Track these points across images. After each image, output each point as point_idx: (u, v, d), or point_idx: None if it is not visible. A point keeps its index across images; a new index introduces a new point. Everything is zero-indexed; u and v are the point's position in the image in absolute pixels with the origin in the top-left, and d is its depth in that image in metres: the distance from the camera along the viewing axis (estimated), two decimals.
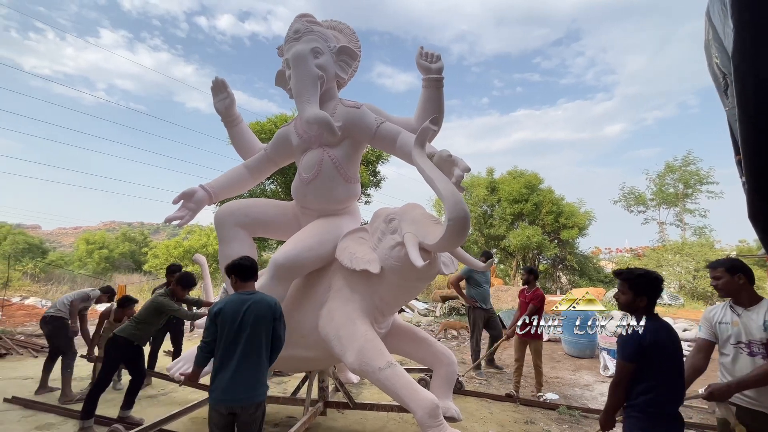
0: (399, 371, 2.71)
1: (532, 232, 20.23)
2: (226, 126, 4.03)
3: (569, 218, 21.07)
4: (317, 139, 3.35)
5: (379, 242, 3.03)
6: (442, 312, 12.19)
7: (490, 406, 4.51)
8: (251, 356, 2.25)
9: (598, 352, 6.82)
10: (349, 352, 2.82)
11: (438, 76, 3.32)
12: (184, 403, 3.82)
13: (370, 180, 13.45)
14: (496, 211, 22.65)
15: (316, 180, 3.31)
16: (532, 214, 21.40)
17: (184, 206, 3.44)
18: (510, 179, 22.56)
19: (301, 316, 3.22)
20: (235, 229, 3.46)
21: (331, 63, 3.41)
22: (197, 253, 6.11)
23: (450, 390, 3.36)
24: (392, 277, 2.94)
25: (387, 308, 3.20)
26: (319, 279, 3.33)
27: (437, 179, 2.53)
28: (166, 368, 3.24)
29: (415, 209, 3.04)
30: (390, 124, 3.25)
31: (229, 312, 2.28)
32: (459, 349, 7.77)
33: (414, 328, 3.62)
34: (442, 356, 3.39)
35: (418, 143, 2.68)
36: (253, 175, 3.79)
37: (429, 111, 3.37)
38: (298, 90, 3.20)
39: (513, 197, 21.47)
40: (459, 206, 2.43)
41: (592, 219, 21.97)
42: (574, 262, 22.39)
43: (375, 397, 4.42)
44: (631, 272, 2.11)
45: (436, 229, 2.70)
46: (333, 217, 3.48)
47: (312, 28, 3.35)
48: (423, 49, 3.38)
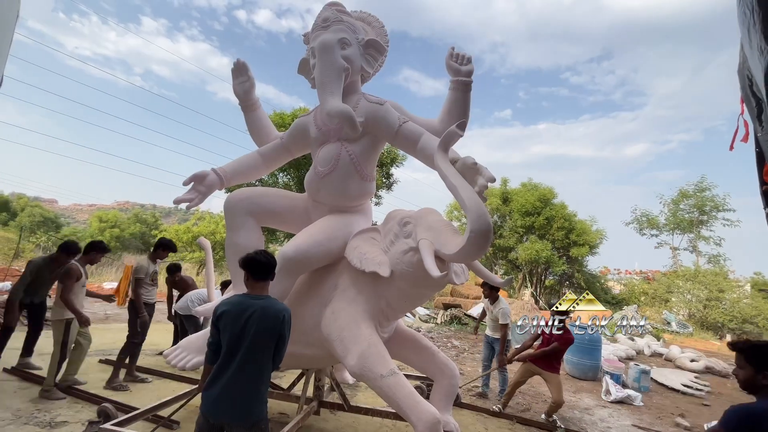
0: (401, 380, 2.62)
1: (541, 246, 19.96)
2: (244, 110, 3.95)
3: (580, 235, 20.76)
4: (336, 133, 3.26)
5: (391, 245, 2.94)
6: (443, 319, 12.08)
7: (486, 421, 4.42)
8: (248, 370, 2.05)
9: (601, 376, 6.67)
10: (351, 355, 2.74)
11: (467, 79, 3.21)
12: (179, 390, 3.81)
13: (383, 182, 13.41)
14: (507, 222, 22.42)
15: (332, 174, 3.23)
16: (543, 228, 21.12)
17: (195, 189, 3.36)
18: (524, 191, 22.31)
19: (304, 313, 3.16)
20: (244, 217, 3.39)
21: (358, 56, 3.32)
22: (201, 237, 6.07)
23: (450, 403, 3.26)
24: (402, 283, 2.86)
25: (393, 313, 3.12)
26: (326, 276, 3.26)
27: (461, 187, 2.44)
28: (163, 354, 3.20)
29: (431, 215, 2.94)
30: (413, 124, 3.16)
31: (232, 317, 2.09)
32: (458, 359, 7.66)
33: (417, 335, 3.53)
34: (444, 368, 3.29)
35: (442, 147, 2.59)
36: (266, 163, 3.72)
37: (454, 114, 3.27)
38: (322, 80, 3.12)
39: (525, 209, 21.23)
40: (483, 218, 2.32)
41: (603, 238, 21.62)
42: (582, 281, 22.03)
43: (370, 401, 4.36)
44: (752, 344, 1.84)
45: (454, 238, 2.60)
46: (345, 214, 3.40)
47: (341, 18, 3.27)
48: (454, 50, 3.27)
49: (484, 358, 5.43)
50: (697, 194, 22.35)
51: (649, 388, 6.57)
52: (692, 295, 18.60)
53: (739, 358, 1.83)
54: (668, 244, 24.12)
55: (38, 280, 4.27)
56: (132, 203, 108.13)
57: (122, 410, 3.33)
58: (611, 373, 6.45)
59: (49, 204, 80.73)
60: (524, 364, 4.72)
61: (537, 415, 4.73)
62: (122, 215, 36.28)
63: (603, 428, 4.65)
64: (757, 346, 1.80)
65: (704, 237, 22.59)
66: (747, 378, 1.78)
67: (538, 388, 5.83)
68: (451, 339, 9.56)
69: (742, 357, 1.82)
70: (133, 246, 31.22)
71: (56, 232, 30.72)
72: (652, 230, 24.34)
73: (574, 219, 21.47)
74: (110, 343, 5.95)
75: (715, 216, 22.01)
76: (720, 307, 17.56)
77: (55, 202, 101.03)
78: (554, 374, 4.53)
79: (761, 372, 1.74)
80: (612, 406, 5.56)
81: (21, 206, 32.62)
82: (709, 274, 19.24)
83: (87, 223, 41.20)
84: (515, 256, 21.75)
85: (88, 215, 63.86)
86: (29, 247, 18.78)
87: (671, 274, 21.66)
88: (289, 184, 12.90)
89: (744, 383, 1.81)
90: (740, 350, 1.84)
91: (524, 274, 21.82)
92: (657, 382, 7.13)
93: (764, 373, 1.73)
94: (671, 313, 17.80)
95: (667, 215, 23.61)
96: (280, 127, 12.24)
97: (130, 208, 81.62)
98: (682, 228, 23.24)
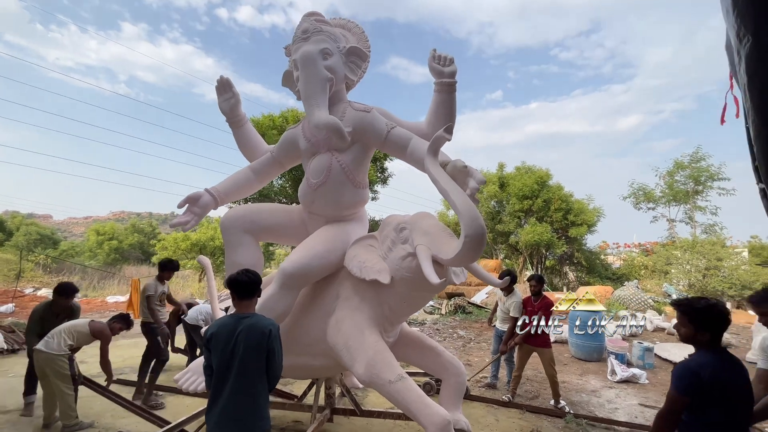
0: (410, 384, 2.67)
1: (541, 229, 20.05)
2: (231, 126, 3.95)
3: (578, 215, 20.85)
4: (325, 143, 3.28)
5: (389, 251, 2.97)
6: (447, 310, 12.19)
7: (496, 412, 4.51)
8: (243, 389, 2.10)
9: (606, 356, 6.78)
10: (359, 364, 2.78)
11: (451, 80, 3.23)
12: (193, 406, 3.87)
13: (378, 177, 13.40)
14: (506, 207, 22.48)
15: (325, 185, 3.25)
16: (541, 210, 21.20)
17: (189, 210, 3.38)
18: (519, 175, 22.33)
19: (308, 325, 3.20)
20: (241, 235, 3.41)
21: (341, 64, 3.32)
22: (201, 255, 6.12)
23: (459, 401, 3.32)
24: (402, 288, 2.90)
25: (396, 318, 3.16)
26: (327, 287, 3.29)
27: (452, 192, 2.46)
28: (174, 378, 3.24)
29: (426, 219, 2.97)
30: (401, 129, 3.17)
31: (221, 338, 2.14)
32: (464, 349, 7.76)
33: (421, 336, 3.57)
34: (450, 366, 3.34)
35: (431, 152, 2.61)
36: (258, 178, 3.74)
37: (440, 116, 3.29)
38: (307, 93, 3.13)
39: (523, 193, 21.27)
40: (476, 222, 2.36)
41: (600, 215, 21.73)
42: (582, 259, 22.22)
43: (380, 402, 4.44)
44: (692, 305, 1.98)
45: (450, 242, 2.64)
46: (341, 223, 3.43)
47: (321, 28, 3.25)
48: (436, 52, 3.28)
49: (494, 351, 5.50)
50: (692, 165, 22.44)
51: (653, 365, 6.69)
52: (691, 266, 18.79)
53: (682, 317, 2.01)
54: (664, 217, 24.30)
55: (46, 325, 4.05)
56: (128, 212, 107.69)
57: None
58: (615, 353, 6.56)
59: (44, 220, 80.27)
60: (520, 348, 4.89)
61: (546, 402, 4.83)
62: (119, 226, 36.16)
63: (610, 409, 4.75)
64: (697, 309, 1.96)
65: (700, 207, 22.75)
66: (688, 335, 1.99)
67: (545, 373, 5.92)
68: (457, 329, 9.66)
69: (685, 317, 1.99)
70: (134, 257, 31.19)
71: (54, 248, 30.61)
72: (648, 204, 24.48)
73: (571, 199, 21.54)
74: (120, 362, 5.99)
75: (711, 186, 22.14)
76: (719, 275, 17.77)
77: (50, 217, 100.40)
78: (547, 349, 4.74)
79: (699, 331, 1.94)
80: (618, 386, 5.67)
81: (16, 225, 32.40)
82: (707, 243, 19.41)
83: (84, 237, 41.01)
84: (516, 240, 21.86)
85: (84, 228, 63.54)
86: (28, 267, 18.75)
87: (669, 245, 21.86)
88: (284, 186, 12.86)
89: (685, 339, 2.02)
90: (683, 311, 2.01)
91: (524, 257, 21.97)
92: (661, 357, 7.26)
93: (703, 332, 1.93)
94: (671, 286, 18.02)
95: (663, 188, 23.72)
96: (272, 130, 12.19)
97: (126, 217, 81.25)
98: (677, 199, 23.38)
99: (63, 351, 3.67)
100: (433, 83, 3.32)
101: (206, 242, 19.93)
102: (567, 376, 6.07)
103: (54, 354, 3.63)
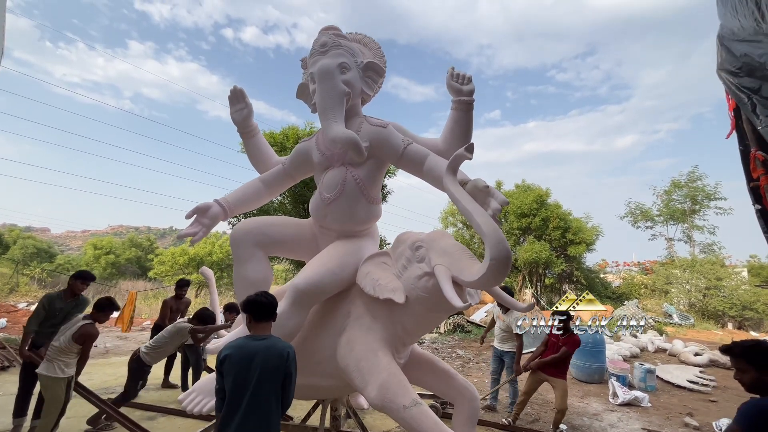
0: (425, 410, 2.55)
1: (540, 247, 20.03)
2: (243, 137, 3.93)
3: (576, 234, 20.87)
4: (340, 157, 3.23)
5: (404, 269, 2.87)
6: (446, 328, 12.04)
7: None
8: (258, 412, 2.06)
9: (607, 378, 6.67)
10: (371, 387, 2.64)
11: (469, 99, 3.19)
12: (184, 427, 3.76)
13: None
14: (504, 225, 22.50)
15: (339, 200, 3.18)
16: (540, 229, 21.22)
17: (198, 221, 3.28)
18: (518, 193, 22.44)
19: (318, 343, 3.08)
20: (252, 249, 3.31)
21: (358, 79, 3.31)
22: (204, 266, 6.09)
23: (473, 427, 3.17)
24: (418, 308, 2.79)
25: (408, 338, 3.05)
26: (338, 304, 3.18)
27: (476, 213, 2.38)
28: (178, 399, 3.16)
29: (444, 238, 2.87)
30: (417, 145, 3.14)
31: (236, 362, 2.09)
32: (463, 370, 7.64)
33: (433, 358, 3.43)
34: (464, 390, 3.20)
35: (450, 170, 2.54)
36: (269, 190, 3.68)
37: (457, 133, 3.26)
38: (323, 106, 3.09)
39: (521, 211, 21.33)
40: (502, 245, 2.28)
41: (599, 234, 21.75)
42: (581, 278, 22.11)
43: (387, 423, 4.33)
44: (743, 346, 1.85)
45: (471, 263, 2.56)
46: (353, 239, 3.35)
47: (339, 42, 3.25)
48: (454, 70, 3.26)
49: (493, 372, 5.41)
50: (688, 184, 22.62)
51: (655, 387, 6.58)
52: (691, 285, 18.71)
53: (739, 361, 1.83)
54: (663, 235, 24.35)
55: (49, 317, 3.92)
56: (126, 227, 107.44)
57: None
58: (617, 375, 6.46)
59: (42, 233, 79.98)
60: (532, 373, 4.72)
61: (546, 426, 4.72)
62: (117, 240, 35.95)
63: None
64: (753, 348, 1.81)
65: (698, 226, 22.84)
66: (753, 380, 1.79)
67: (546, 395, 5.81)
68: (456, 348, 9.53)
69: (742, 360, 1.81)
70: (130, 272, 30.92)
71: (50, 262, 30.37)
72: (646, 222, 24.55)
73: (570, 218, 21.58)
74: (112, 380, 5.87)
75: (708, 205, 22.28)
76: (719, 296, 17.68)
77: (47, 230, 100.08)
78: (561, 380, 4.54)
79: (762, 370, 1.76)
80: (620, 409, 5.56)
81: (13, 238, 32.23)
82: (707, 263, 19.40)
83: (81, 251, 40.78)
84: (515, 258, 21.80)
85: (82, 242, 63.28)
86: (24, 281, 18.56)
87: (669, 264, 21.81)
88: (284, 202, 12.89)
89: (750, 386, 1.80)
90: (737, 355, 1.84)
91: (523, 275, 21.86)
92: (663, 380, 7.14)
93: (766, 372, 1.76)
94: (672, 306, 17.90)
95: (660, 206, 23.85)
96: (272, 147, 12.26)
97: (125, 231, 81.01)
98: (675, 218, 23.47)
99: (65, 374, 3.59)
100: (450, 101, 3.28)
101: (204, 257, 19.82)
102: (568, 399, 5.93)
103: (52, 378, 3.54)
